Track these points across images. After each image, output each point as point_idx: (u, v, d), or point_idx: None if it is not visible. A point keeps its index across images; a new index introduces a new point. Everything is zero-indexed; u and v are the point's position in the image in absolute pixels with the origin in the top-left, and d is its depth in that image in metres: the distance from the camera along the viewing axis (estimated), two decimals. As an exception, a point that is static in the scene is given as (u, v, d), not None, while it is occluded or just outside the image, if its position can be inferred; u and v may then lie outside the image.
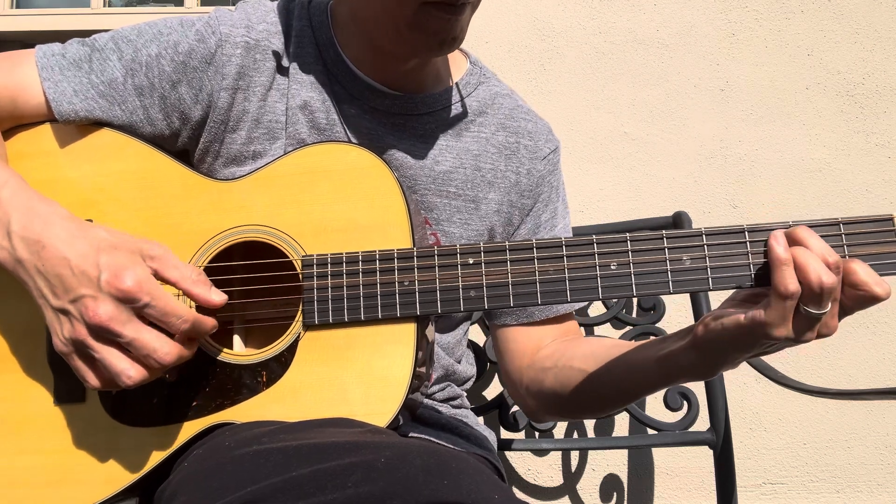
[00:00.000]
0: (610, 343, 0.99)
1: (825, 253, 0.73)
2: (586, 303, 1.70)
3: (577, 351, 1.01)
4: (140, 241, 0.81)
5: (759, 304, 0.75)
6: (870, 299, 0.73)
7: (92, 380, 0.78)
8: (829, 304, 0.73)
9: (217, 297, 0.82)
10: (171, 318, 0.77)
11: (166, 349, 0.76)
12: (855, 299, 0.74)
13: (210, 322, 0.82)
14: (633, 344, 0.94)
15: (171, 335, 0.78)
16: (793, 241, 0.75)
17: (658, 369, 0.87)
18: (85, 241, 0.78)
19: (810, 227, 0.78)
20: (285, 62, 0.99)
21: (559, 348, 1.05)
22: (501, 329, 1.11)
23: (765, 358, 1.58)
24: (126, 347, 0.76)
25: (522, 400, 1.12)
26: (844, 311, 0.76)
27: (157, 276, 0.79)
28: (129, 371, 0.76)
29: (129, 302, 0.75)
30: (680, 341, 0.84)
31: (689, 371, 0.84)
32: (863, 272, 0.73)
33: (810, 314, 0.73)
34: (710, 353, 0.81)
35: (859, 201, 1.96)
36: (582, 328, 1.77)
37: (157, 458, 0.85)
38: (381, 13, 0.90)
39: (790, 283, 0.72)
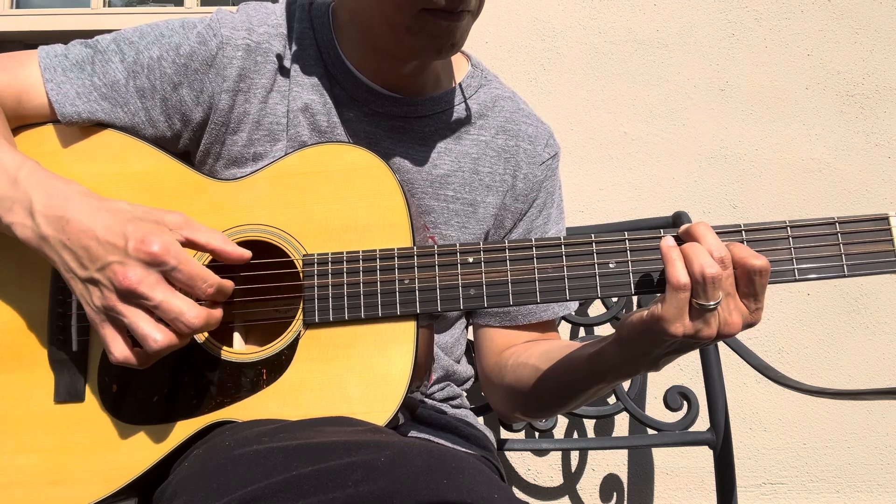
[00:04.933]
0: (567, 343, 1.00)
1: (713, 247, 0.75)
2: (578, 304, 1.71)
3: (536, 349, 1.03)
4: (160, 211, 0.82)
5: (660, 298, 0.77)
6: (750, 272, 0.75)
7: (117, 351, 0.78)
8: (719, 296, 0.74)
9: (246, 252, 0.84)
10: (197, 281, 0.78)
11: (194, 312, 0.77)
12: (744, 282, 0.76)
13: (230, 284, 0.83)
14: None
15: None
16: (688, 237, 0.78)
17: (589, 366, 0.89)
18: (108, 214, 0.79)
19: (806, 225, 0.80)
20: (286, 64, 0.99)
21: (522, 347, 1.08)
22: (483, 328, 1.13)
23: (765, 358, 1.59)
24: (155, 312, 0.77)
25: (491, 397, 1.14)
26: (746, 305, 0.77)
27: (185, 241, 0.81)
28: (156, 335, 0.76)
29: (156, 266, 0.76)
30: (607, 339, 0.85)
31: (616, 368, 0.85)
32: (739, 249, 0.76)
33: (702, 307, 0.74)
34: (629, 349, 0.82)
35: (859, 201, 1.96)
36: (582, 328, 1.77)
37: (156, 456, 0.85)
38: (380, 17, 0.90)
39: (681, 275, 0.74)
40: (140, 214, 0.80)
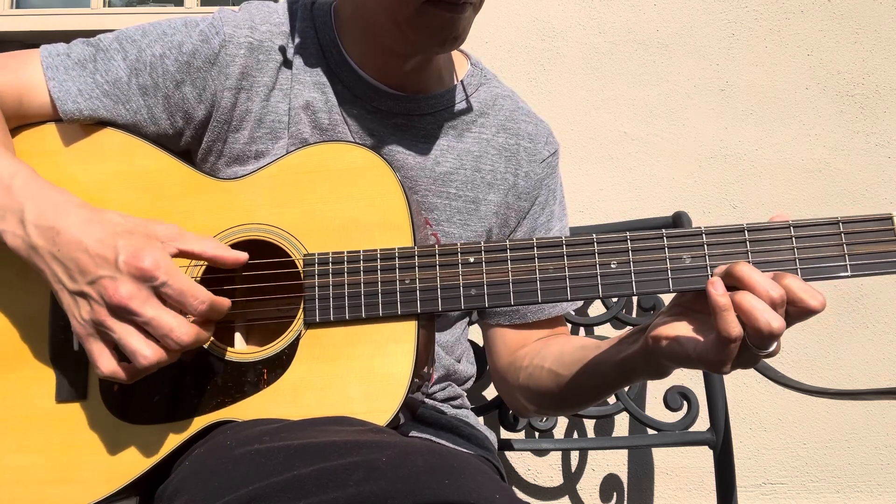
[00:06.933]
0: (578, 344, 1.01)
1: (770, 293, 0.72)
2: (583, 302, 1.71)
3: (549, 350, 1.04)
4: (153, 224, 0.82)
5: (705, 341, 0.76)
6: (806, 312, 0.74)
7: (104, 365, 0.78)
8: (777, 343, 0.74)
9: (242, 255, 0.83)
10: (187, 297, 0.77)
11: (184, 329, 0.76)
12: (793, 315, 0.75)
13: (226, 303, 0.82)
14: (599, 344, 0.96)
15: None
16: (735, 282, 0.75)
17: (617, 373, 0.90)
18: (100, 226, 0.79)
19: (809, 225, 0.79)
20: (288, 62, 0.99)
21: (535, 347, 1.08)
22: (493, 328, 1.13)
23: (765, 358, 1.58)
24: (144, 328, 0.76)
25: (506, 395, 1.15)
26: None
27: (178, 252, 0.80)
28: (146, 350, 0.76)
29: (147, 281, 0.76)
30: (633, 345, 0.85)
31: (645, 372, 0.87)
32: (797, 287, 0.73)
33: (759, 352, 0.74)
34: (661, 362, 0.82)
35: (859, 201, 1.96)
36: (582, 328, 1.77)
37: (157, 456, 0.85)
38: (383, 12, 0.91)
39: (733, 329, 0.73)
40: (131, 227, 0.80)
